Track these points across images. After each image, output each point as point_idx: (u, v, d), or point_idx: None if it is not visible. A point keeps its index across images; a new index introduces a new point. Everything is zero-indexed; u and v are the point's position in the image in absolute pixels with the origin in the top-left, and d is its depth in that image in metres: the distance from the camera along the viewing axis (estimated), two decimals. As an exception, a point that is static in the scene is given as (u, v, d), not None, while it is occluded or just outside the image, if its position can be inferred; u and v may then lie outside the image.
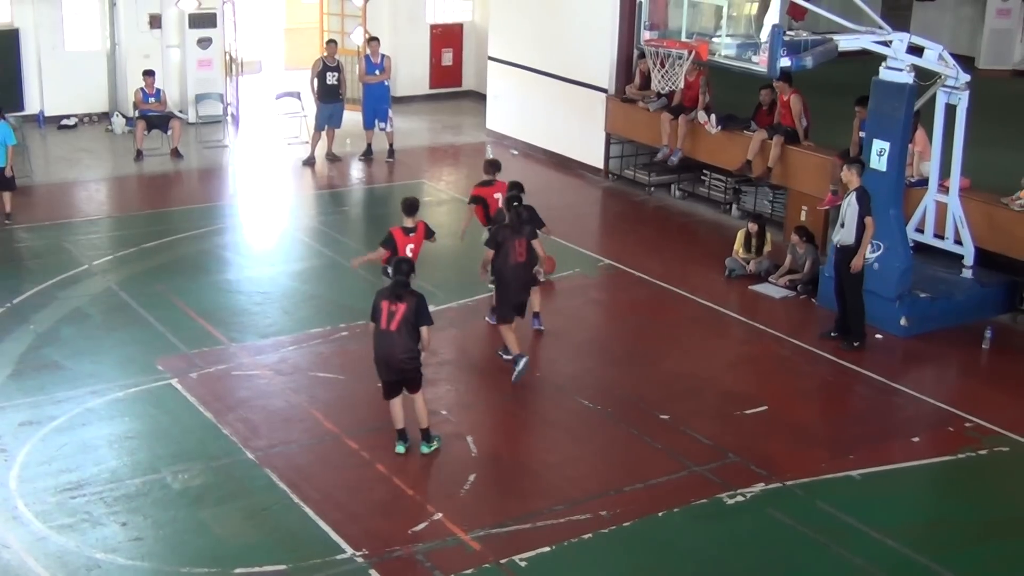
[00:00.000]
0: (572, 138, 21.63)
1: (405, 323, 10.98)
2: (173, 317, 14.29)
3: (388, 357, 11.12)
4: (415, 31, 26.17)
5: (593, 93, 20.96)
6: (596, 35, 20.75)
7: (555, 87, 21.78)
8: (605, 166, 21.04)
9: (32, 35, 22.77)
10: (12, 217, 17.47)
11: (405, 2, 25.99)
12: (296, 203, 19.59)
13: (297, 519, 10.30)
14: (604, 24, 20.57)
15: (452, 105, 26.17)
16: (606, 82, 20.77)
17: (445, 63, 26.82)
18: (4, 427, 11.59)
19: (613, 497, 10.76)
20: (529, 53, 22.36)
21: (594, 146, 21.13)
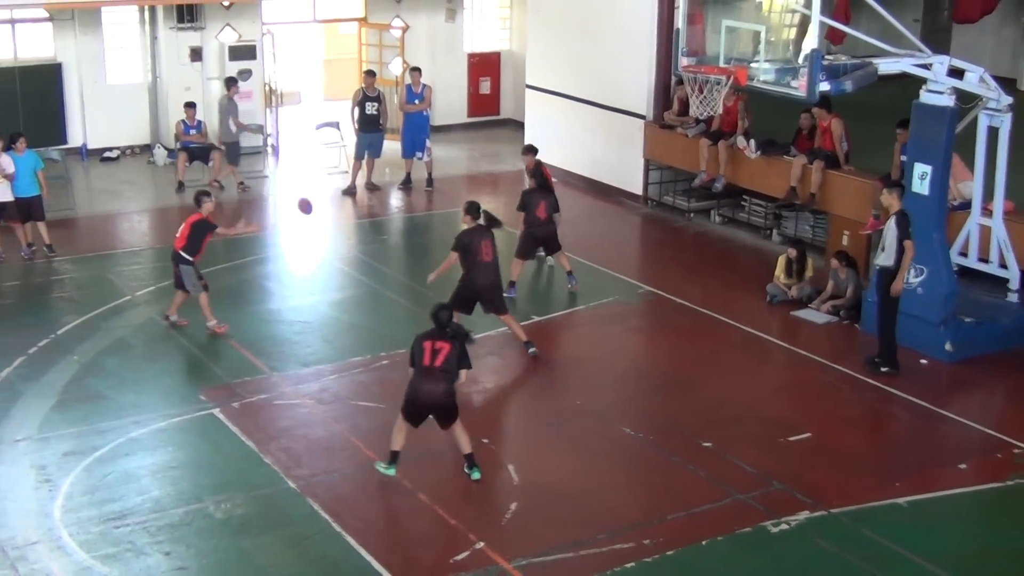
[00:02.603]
0: (611, 165, 21.62)
1: (447, 363, 11.02)
2: (215, 347, 14.36)
3: (431, 395, 11.07)
4: (453, 60, 26.28)
5: (631, 120, 20.96)
6: (634, 62, 20.76)
7: (593, 114, 21.78)
8: (644, 192, 21.00)
9: (75, 69, 23.02)
10: (54, 248, 17.62)
11: (443, 32, 26.12)
12: (336, 232, 19.66)
13: (339, 548, 10.29)
14: (642, 51, 20.58)
15: (490, 133, 26.23)
16: (644, 108, 20.76)
17: (483, 92, 26.90)
18: (49, 457, 11.66)
19: (656, 526, 10.68)
20: (567, 80, 22.39)
21: (633, 172, 21.11)
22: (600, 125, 21.69)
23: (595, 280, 16.98)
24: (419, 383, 11.10)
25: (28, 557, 9.99)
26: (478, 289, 14.11)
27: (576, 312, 15.94)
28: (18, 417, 12.50)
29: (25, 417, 12.50)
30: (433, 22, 25.94)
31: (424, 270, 16.54)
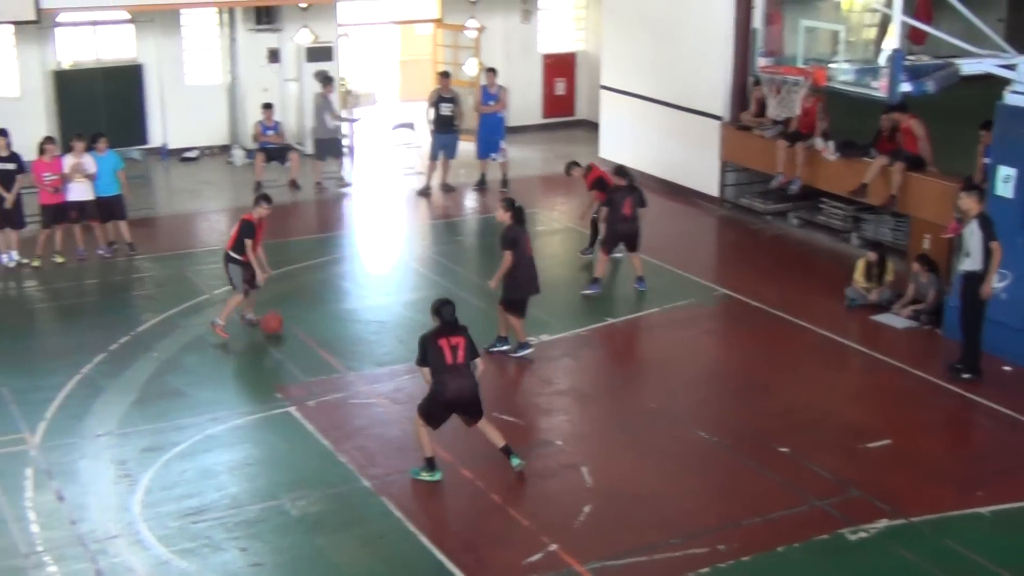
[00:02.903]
0: (686, 166, 21.49)
1: (468, 355, 11.15)
2: (291, 346, 14.48)
3: (462, 391, 11.14)
4: (528, 61, 26.28)
5: (707, 121, 20.81)
6: (710, 62, 20.62)
7: (668, 115, 21.67)
8: (720, 194, 20.85)
9: (155, 70, 23.35)
10: (135, 247, 17.88)
11: (518, 33, 26.13)
12: (411, 233, 19.75)
13: (412, 547, 10.32)
14: (718, 51, 20.43)
15: (565, 134, 26.19)
16: (721, 109, 20.61)
17: (558, 92, 26.87)
18: (129, 453, 11.83)
19: (731, 531, 10.58)
20: (642, 81, 22.30)
21: (709, 174, 20.96)
22: (675, 126, 21.57)
23: (670, 282, 16.89)
24: (447, 381, 11.09)
25: (108, 551, 10.14)
26: (530, 287, 14.16)
27: (651, 314, 15.85)
28: (99, 412, 12.69)
29: (106, 412, 12.70)
30: (508, 23, 25.97)
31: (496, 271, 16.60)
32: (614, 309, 16.04)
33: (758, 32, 19.42)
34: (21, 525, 10.51)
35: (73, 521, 10.58)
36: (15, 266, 17.12)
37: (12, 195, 17.00)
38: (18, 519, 10.60)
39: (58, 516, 10.67)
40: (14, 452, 11.80)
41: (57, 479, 11.29)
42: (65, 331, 15.40)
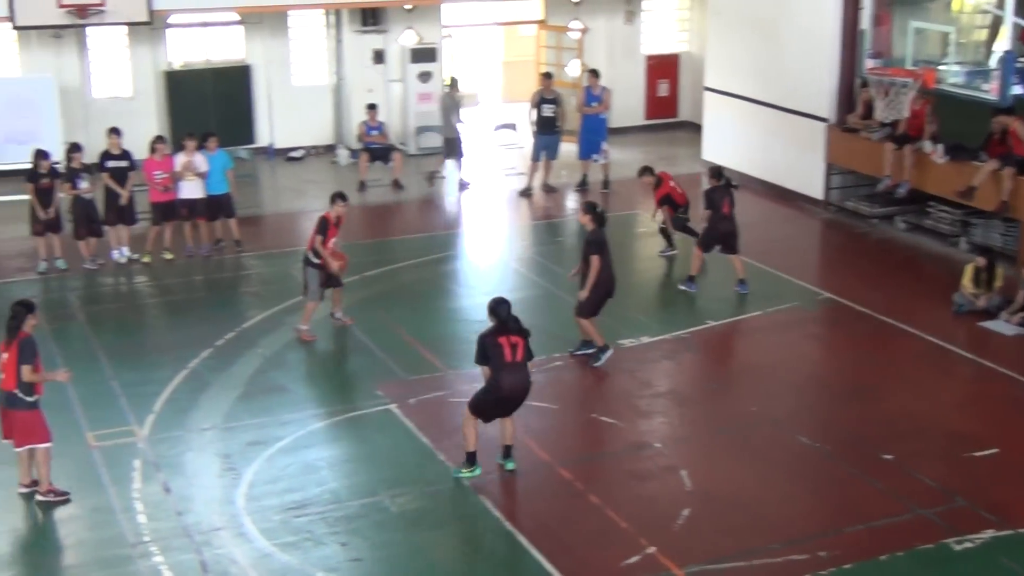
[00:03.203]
0: (791, 168, 21.26)
1: (526, 355, 11.24)
2: (393, 344, 14.62)
3: (517, 389, 11.21)
4: (631, 62, 26.19)
5: (813, 123, 20.56)
6: (816, 64, 20.36)
7: (773, 117, 21.46)
8: (825, 197, 20.58)
9: (263, 71, 23.74)
10: (241, 244, 18.20)
11: (621, 34, 26.06)
12: (512, 233, 19.81)
13: (510, 547, 10.37)
14: (825, 52, 20.16)
15: (667, 136, 26.06)
16: (826, 111, 20.34)
17: (660, 94, 26.75)
18: (233, 447, 12.05)
19: (832, 538, 10.46)
20: (746, 83, 22.11)
21: (813, 177, 20.70)
22: (780, 128, 21.35)
23: (773, 285, 16.72)
24: (504, 379, 11.14)
25: (212, 542, 10.34)
26: (611, 288, 14.12)
27: (753, 317, 15.70)
28: (205, 407, 12.95)
29: (212, 407, 12.95)
30: (612, 24, 25.92)
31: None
32: (715, 311, 15.92)
33: (866, 33, 19.19)
34: (129, 515, 10.76)
35: (179, 512, 10.81)
36: (126, 262, 17.51)
37: (126, 192, 17.40)
38: (126, 510, 10.85)
39: (164, 507, 10.91)
40: (123, 444, 12.08)
41: (164, 471, 11.54)
42: (173, 326, 15.74)
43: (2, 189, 20.12)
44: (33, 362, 10.77)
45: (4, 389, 10.79)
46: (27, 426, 10.82)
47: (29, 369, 10.71)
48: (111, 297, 16.69)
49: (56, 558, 10.23)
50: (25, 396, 10.76)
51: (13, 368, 10.71)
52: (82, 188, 17.03)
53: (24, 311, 10.98)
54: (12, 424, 10.86)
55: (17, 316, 10.92)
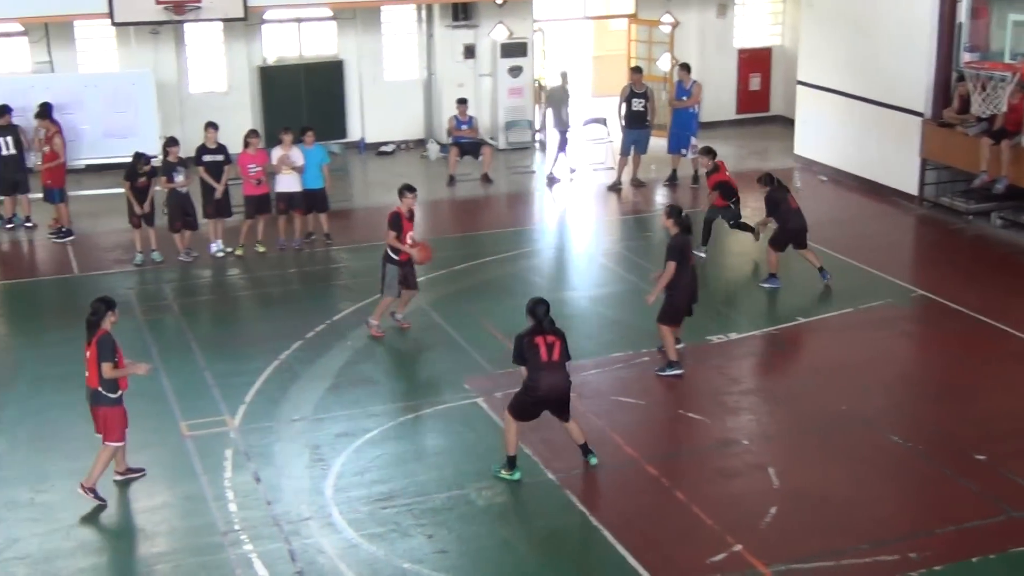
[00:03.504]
0: (884, 164, 20.95)
1: (563, 354, 11.16)
2: (480, 337, 14.68)
3: (555, 388, 11.12)
4: (723, 56, 25.99)
5: (908, 117, 20.24)
6: (912, 57, 20.03)
7: (867, 111, 21.16)
8: (919, 193, 20.25)
9: (355, 66, 23.97)
10: (331, 238, 18.39)
11: (713, 28, 25.87)
12: (600, 228, 19.78)
13: (596, 542, 10.37)
14: (921, 46, 19.83)
15: (759, 130, 25.82)
16: (922, 106, 20.01)
17: (752, 88, 26.50)
18: (323, 437, 12.20)
19: (923, 539, 10.31)
20: (840, 76, 21.82)
21: (908, 172, 20.38)
22: (874, 123, 21.05)
23: (865, 282, 16.50)
24: (541, 378, 11.08)
25: (301, 532, 10.48)
26: (693, 296, 13.78)
27: (844, 314, 15.50)
28: (296, 398, 13.12)
29: (302, 398, 13.12)
30: (704, 17, 25.74)
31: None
32: (804, 308, 15.76)
33: (963, 26, 18.87)
34: (220, 504, 10.95)
35: (268, 502, 10.98)
36: (222, 255, 17.78)
37: (221, 186, 17.67)
38: (217, 498, 11.05)
39: (254, 497, 11.08)
40: (216, 434, 12.29)
41: (254, 461, 11.72)
42: (265, 318, 15.97)
43: (101, 183, 20.56)
44: (113, 359, 10.84)
45: (89, 387, 10.92)
46: (109, 422, 10.94)
47: (110, 366, 10.78)
48: (205, 289, 16.97)
49: (148, 545, 10.43)
50: (108, 393, 10.86)
51: (95, 366, 10.80)
52: (178, 182, 17.33)
53: (104, 308, 10.96)
54: (99, 421, 11.01)
55: (97, 313, 10.93)
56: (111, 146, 20.05)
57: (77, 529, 10.66)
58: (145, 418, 12.66)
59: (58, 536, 10.54)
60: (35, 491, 11.14)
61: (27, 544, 10.36)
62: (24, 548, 10.30)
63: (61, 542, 10.47)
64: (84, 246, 18.42)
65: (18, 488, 11.21)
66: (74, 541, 10.52)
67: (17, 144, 18.75)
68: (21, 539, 10.43)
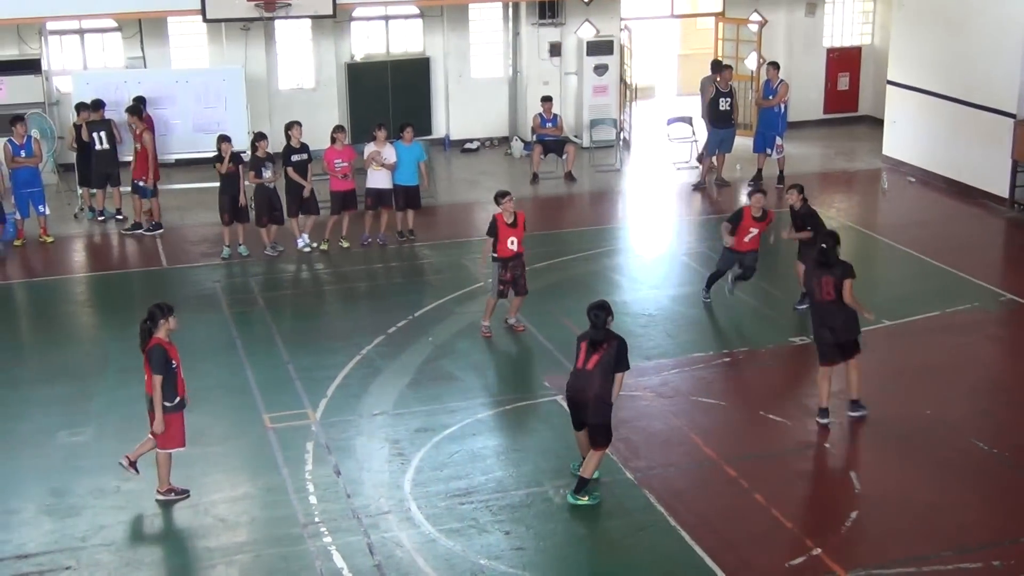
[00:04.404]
0: (974, 165, 20.59)
1: (601, 365, 10.68)
2: (560, 336, 14.66)
3: (577, 394, 10.84)
4: (811, 55, 25.72)
5: (999, 118, 19.87)
6: (1005, 57, 19.67)
7: (957, 111, 20.81)
8: (1011, 195, 19.87)
9: (441, 63, 24.11)
10: (415, 234, 18.50)
11: (802, 26, 25.61)
12: (684, 227, 19.68)
13: (673, 542, 10.34)
14: (1014, 46, 19.46)
15: (846, 130, 25.51)
16: (1014, 106, 19.63)
17: (841, 87, 26.19)
18: (402, 432, 12.30)
19: (1007, 547, 10.14)
20: (931, 76, 21.49)
21: (999, 174, 20.01)
22: (965, 123, 20.70)
23: (952, 285, 16.24)
24: (569, 381, 10.94)
25: (380, 525, 10.58)
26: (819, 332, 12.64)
27: (931, 317, 15.27)
28: (376, 392, 13.24)
29: (383, 393, 13.23)
30: (792, 16, 25.50)
31: (769, 267, 16.36)
32: (890, 311, 15.53)
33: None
34: (301, 496, 11.09)
35: (348, 495, 11.09)
36: (309, 251, 17.97)
37: (309, 183, 17.84)
38: (298, 490, 11.19)
39: (334, 490, 11.20)
40: (297, 427, 12.45)
41: (335, 454, 11.85)
42: (347, 313, 16.14)
43: (190, 177, 20.91)
44: (165, 371, 10.54)
45: (147, 392, 10.86)
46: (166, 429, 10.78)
47: (160, 380, 10.55)
48: (289, 283, 17.19)
49: (230, 535, 10.59)
50: (165, 401, 10.69)
51: (149, 374, 10.71)
52: (266, 177, 17.56)
53: (159, 314, 10.68)
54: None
55: (152, 318, 10.69)
56: (201, 141, 20.35)
57: (161, 518, 10.86)
58: (229, 410, 12.91)
59: (143, 524, 10.76)
60: (122, 480, 11.35)
61: (113, 531, 10.59)
62: (110, 535, 10.52)
63: (145, 530, 10.69)
64: (172, 239, 18.75)
65: (105, 476, 11.44)
66: (157, 529, 10.74)
67: (111, 138, 19.15)
68: (107, 526, 10.66)
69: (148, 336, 10.73)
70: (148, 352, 10.69)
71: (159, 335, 10.70)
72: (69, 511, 10.90)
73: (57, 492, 11.22)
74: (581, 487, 10.91)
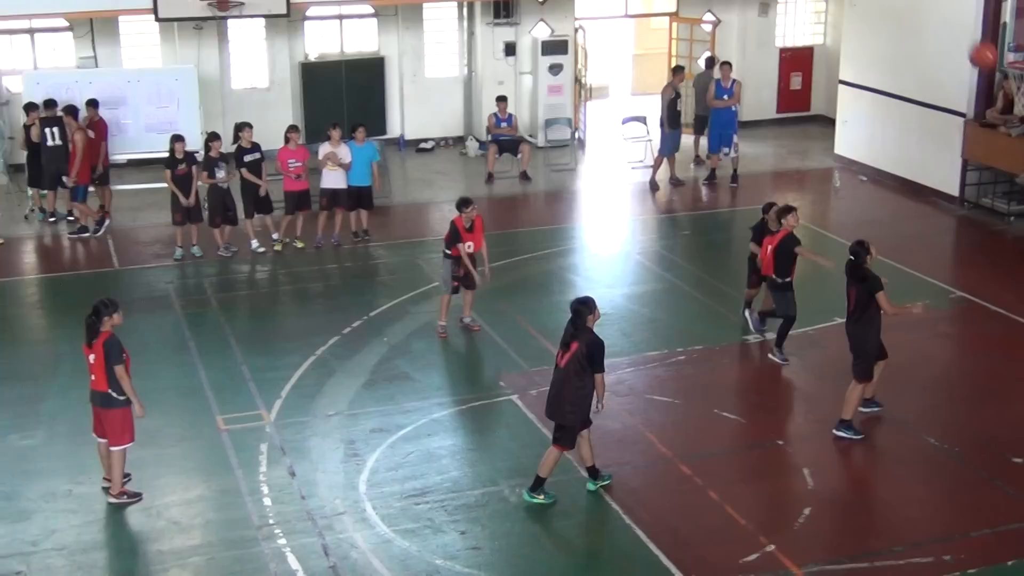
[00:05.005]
0: (925, 164, 20.79)
1: (571, 364, 10.55)
2: (516, 335, 14.70)
3: (551, 392, 10.83)
4: (764, 55, 25.86)
5: (950, 117, 20.08)
6: (955, 57, 19.85)
7: (909, 111, 21.00)
8: (961, 194, 20.09)
9: (395, 63, 24.05)
10: (370, 234, 18.44)
11: (755, 26, 25.75)
12: (638, 226, 19.74)
13: (628, 540, 10.37)
14: (964, 46, 19.64)
15: (799, 130, 25.68)
16: (964, 106, 19.85)
17: (794, 87, 26.35)
18: (357, 433, 12.26)
19: (958, 542, 10.25)
20: (882, 76, 21.67)
21: (949, 173, 20.22)
22: (916, 122, 20.89)
23: (903, 283, 16.35)
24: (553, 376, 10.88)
25: (335, 526, 10.54)
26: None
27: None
28: (331, 393, 13.20)
29: (337, 393, 13.19)
30: (745, 16, 25.63)
31: (724, 267, 16.46)
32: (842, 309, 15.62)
33: (1008, 26, 18.68)
34: (255, 498, 11.03)
35: (303, 496, 11.05)
36: (262, 251, 17.88)
37: (264, 182, 17.75)
38: (252, 492, 11.13)
39: (289, 491, 11.15)
40: (251, 428, 12.38)
41: (290, 455, 11.80)
42: (302, 314, 16.07)
43: (142, 177, 20.74)
44: (122, 361, 10.63)
45: (97, 390, 10.81)
46: (119, 425, 10.80)
47: (121, 369, 10.60)
48: (243, 284, 17.10)
49: (184, 538, 10.51)
50: (118, 395, 10.73)
51: (102, 369, 10.66)
52: (219, 177, 17.44)
53: (104, 309, 10.68)
54: (106, 423, 10.88)
55: (97, 313, 10.68)
56: (153, 141, 20.19)
57: (113, 521, 10.78)
58: (182, 412, 12.82)
59: (95, 528, 10.67)
60: (73, 483, 11.27)
61: (64, 535, 10.49)
62: (61, 539, 10.43)
63: (97, 534, 10.61)
64: (125, 240, 18.59)
65: (56, 480, 11.35)
66: (110, 533, 10.66)
67: (63, 135, 18.90)
68: (59, 530, 10.56)
69: (93, 331, 10.71)
70: (104, 345, 10.65)
71: (105, 330, 10.69)
72: (20, 515, 10.79)
73: (7, 496, 11.11)
74: (537, 486, 10.90)
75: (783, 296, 13.84)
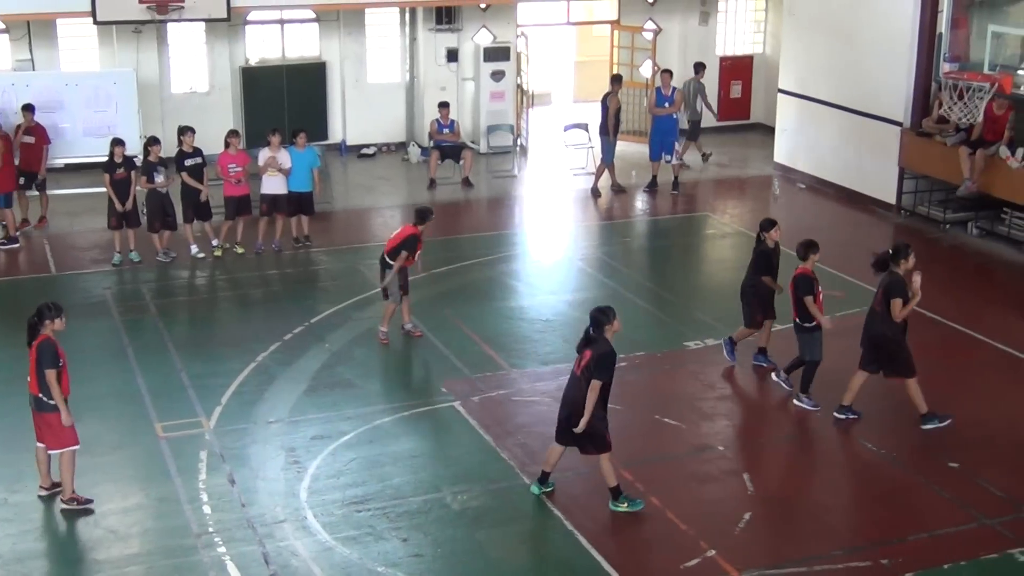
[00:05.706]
0: (863, 172, 21.04)
1: (586, 371, 10.66)
2: (458, 341, 14.69)
3: (564, 399, 10.93)
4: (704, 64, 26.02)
5: (887, 126, 20.34)
6: (892, 67, 20.13)
7: (847, 120, 21.26)
8: (898, 201, 20.35)
9: (337, 68, 23.96)
10: (311, 240, 18.35)
11: (695, 35, 25.94)
12: (579, 233, 19.80)
13: (570, 547, 10.39)
14: (901, 56, 19.93)
15: (739, 138, 25.89)
16: (901, 115, 20.12)
17: (733, 95, 26.58)
18: (298, 440, 12.18)
19: (895, 546, 10.36)
20: (820, 85, 21.92)
21: (886, 181, 20.48)
22: (854, 131, 21.14)
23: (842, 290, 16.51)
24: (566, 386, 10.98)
25: (275, 535, 10.47)
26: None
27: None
28: (272, 400, 13.11)
29: (278, 400, 13.10)
30: (686, 25, 25.82)
31: (665, 274, 16.53)
32: (781, 315, 15.78)
33: (943, 36, 18.95)
34: (194, 506, 10.92)
35: (243, 504, 10.96)
36: (203, 256, 17.71)
37: (205, 188, 17.60)
38: (192, 500, 11.02)
39: (229, 499, 11.06)
40: (191, 435, 12.26)
41: (229, 463, 11.70)
42: (242, 320, 15.95)
43: (80, 181, 20.49)
44: (56, 366, 10.48)
45: (31, 392, 10.70)
46: (54, 428, 10.65)
47: (52, 374, 10.46)
48: (182, 290, 16.93)
49: (121, 547, 10.39)
50: (48, 399, 10.58)
51: (35, 371, 10.56)
52: (158, 182, 17.27)
53: (47, 312, 10.58)
54: (40, 426, 10.76)
55: (40, 315, 10.58)
56: (91, 145, 19.95)
57: (50, 530, 10.64)
58: (120, 419, 12.67)
59: (31, 537, 10.51)
60: (9, 491, 11.10)
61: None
62: (-4, 548, 10.28)
63: (33, 543, 10.45)
64: (62, 245, 18.36)
65: (-9, 488, 11.18)
66: (46, 542, 10.52)
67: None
68: (-6, 539, 10.41)
69: (35, 332, 10.60)
70: (37, 347, 10.53)
71: (46, 332, 10.58)
72: (-47, 525, 10.63)
73: (-60, 505, 10.94)
74: (616, 495, 10.86)
75: (809, 338, 13.30)
